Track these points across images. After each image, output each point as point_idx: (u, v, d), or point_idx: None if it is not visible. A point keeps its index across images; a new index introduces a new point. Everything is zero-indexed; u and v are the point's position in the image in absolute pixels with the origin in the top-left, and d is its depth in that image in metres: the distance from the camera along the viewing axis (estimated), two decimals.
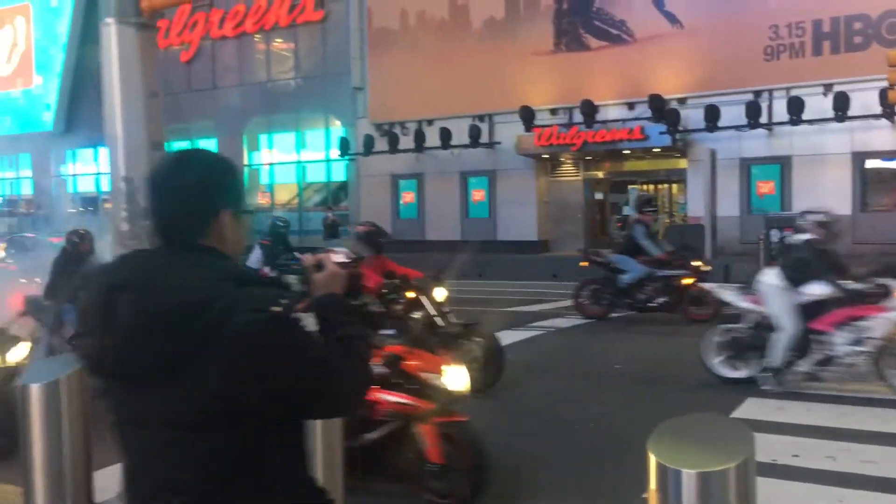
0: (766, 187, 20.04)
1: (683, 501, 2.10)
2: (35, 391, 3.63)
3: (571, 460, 5.64)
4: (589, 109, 20.39)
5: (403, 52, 24.08)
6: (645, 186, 22.95)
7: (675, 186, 22.58)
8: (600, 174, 23.23)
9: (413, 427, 4.32)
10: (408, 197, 24.92)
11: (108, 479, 4.17)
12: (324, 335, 1.72)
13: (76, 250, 8.72)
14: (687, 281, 11.36)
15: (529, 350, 9.65)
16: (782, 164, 19.68)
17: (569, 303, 12.57)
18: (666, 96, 19.75)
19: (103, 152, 30.37)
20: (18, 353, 5.71)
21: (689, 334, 9.59)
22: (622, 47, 21.23)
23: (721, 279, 16.44)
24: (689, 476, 2.09)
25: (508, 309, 12.94)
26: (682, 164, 21.12)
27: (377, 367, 4.05)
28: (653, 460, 2.15)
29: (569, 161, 22.99)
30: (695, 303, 11.17)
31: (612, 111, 21.02)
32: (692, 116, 19.87)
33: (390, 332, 5.42)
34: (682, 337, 9.98)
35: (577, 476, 5.32)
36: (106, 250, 9.38)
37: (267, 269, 9.87)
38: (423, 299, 7.11)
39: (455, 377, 4.43)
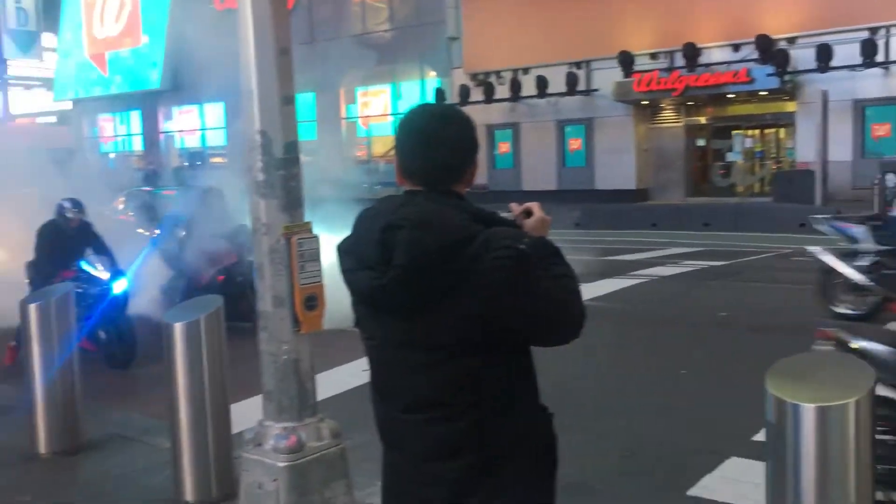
0: (881, 130, 19.03)
1: (802, 435, 2.16)
2: (178, 329, 3.95)
3: (670, 406, 5.70)
4: (691, 52, 19.74)
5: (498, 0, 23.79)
6: (751, 131, 22.16)
7: (782, 131, 21.68)
8: (703, 119, 22.53)
9: None
10: (504, 147, 24.84)
11: (243, 411, 4.53)
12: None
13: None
14: None
15: (630, 298, 9.66)
16: None
17: (671, 251, 12.43)
18: (774, 36, 18.89)
19: (208, 108, 31.42)
20: None
21: (798, 282, 9.37)
22: None
23: None
24: (807, 410, 2.14)
25: (608, 258, 12.91)
26: (791, 107, 20.26)
27: None
28: (770, 395, 2.20)
29: (669, 107, 22.39)
30: None
31: (715, 54, 20.28)
32: (802, 57, 18.96)
33: None
34: (793, 284, 9.77)
35: (675, 421, 5.38)
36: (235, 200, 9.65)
37: None
38: None
39: None
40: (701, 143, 22.77)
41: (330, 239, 3.38)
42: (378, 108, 28.12)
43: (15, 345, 6.72)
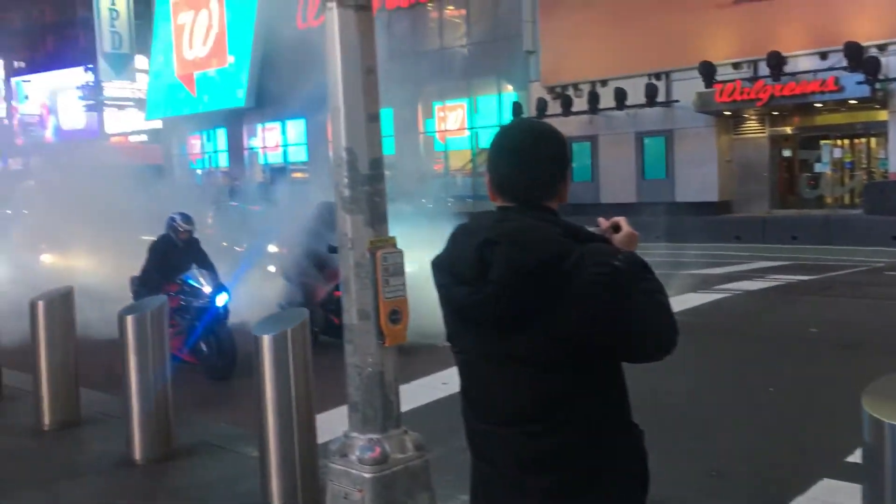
0: None
1: None
2: (266, 341, 4.06)
3: (757, 424, 5.55)
4: (776, 61, 19.24)
5: (576, 12, 23.67)
6: (840, 141, 21.41)
7: (873, 140, 20.90)
8: (788, 130, 21.90)
9: None
10: (581, 160, 24.67)
11: (327, 422, 4.62)
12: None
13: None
14: None
15: (716, 313, 9.44)
16: None
17: (757, 265, 12.11)
18: (864, 43, 18.25)
19: (290, 126, 32.24)
20: None
21: (892, 297, 9.00)
22: None
23: None
24: None
25: (692, 272, 12.64)
26: (883, 115, 19.51)
27: None
28: (868, 415, 2.13)
29: (753, 117, 21.85)
30: None
31: (802, 62, 19.71)
32: (893, 64, 18.27)
33: None
34: (886, 300, 9.38)
35: (763, 440, 5.23)
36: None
37: None
38: None
39: None
40: (787, 153, 22.13)
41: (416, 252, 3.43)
42: (455, 123, 28.32)
43: None
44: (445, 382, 6.36)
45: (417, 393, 6.08)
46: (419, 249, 3.49)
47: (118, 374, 5.08)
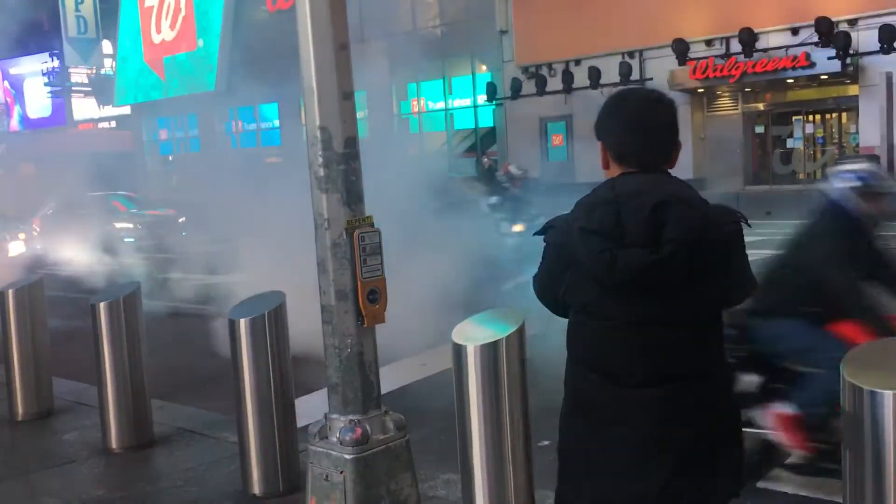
0: None
1: (881, 423, 2.09)
2: (243, 325, 4.02)
3: None
4: (748, 38, 19.31)
5: None
6: (811, 116, 21.58)
7: (844, 115, 21.09)
8: (761, 106, 22.03)
9: None
10: (557, 139, 24.65)
11: (305, 406, 4.59)
12: None
13: None
14: None
15: None
16: None
17: None
18: (834, 18, 18.37)
19: (264, 109, 31.89)
20: None
21: None
22: None
23: None
24: (886, 397, 2.07)
25: None
26: (853, 90, 19.68)
27: None
28: (847, 383, 2.14)
29: (726, 94, 21.94)
30: None
31: (773, 38, 19.81)
32: (864, 39, 18.41)
33: None
34: None
35: None
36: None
37: None
38: None
39: None
40: (760, 130, 22.27)
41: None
42: (430, 104, 28.18)
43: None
44: (424, 364, 6.35)
45: (398, 374, 6.06)
46: None
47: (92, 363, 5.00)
